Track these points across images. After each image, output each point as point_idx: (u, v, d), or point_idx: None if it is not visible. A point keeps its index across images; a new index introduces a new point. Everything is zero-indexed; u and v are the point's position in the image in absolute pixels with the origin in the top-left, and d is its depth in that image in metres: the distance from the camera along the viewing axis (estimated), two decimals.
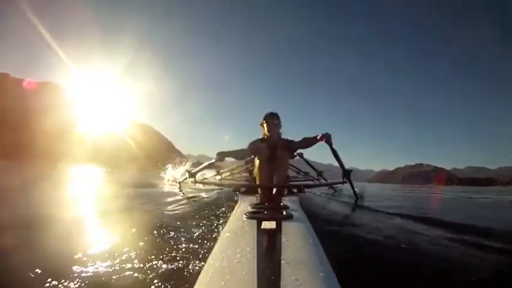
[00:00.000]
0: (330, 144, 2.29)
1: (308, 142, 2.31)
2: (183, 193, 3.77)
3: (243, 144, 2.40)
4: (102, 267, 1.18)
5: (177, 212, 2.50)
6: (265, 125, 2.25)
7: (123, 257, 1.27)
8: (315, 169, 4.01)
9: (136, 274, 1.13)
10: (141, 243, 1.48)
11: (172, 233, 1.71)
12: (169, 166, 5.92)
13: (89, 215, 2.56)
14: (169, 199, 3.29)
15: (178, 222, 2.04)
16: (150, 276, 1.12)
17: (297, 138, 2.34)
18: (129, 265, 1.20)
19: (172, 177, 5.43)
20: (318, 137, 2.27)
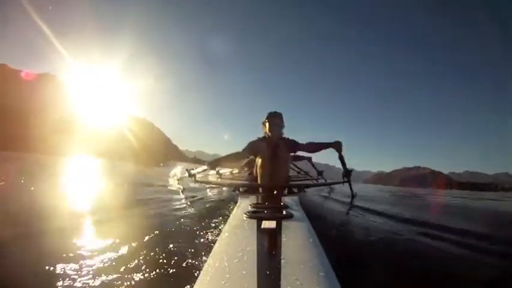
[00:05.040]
0: (340, 152, 2.23)
1: (315, 147, 2.25)
2: (183, 189, 3.72)
3: (243, 143, 2.33)
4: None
5: None
6: (267, 123, 2.20)
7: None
8: (315, 169, 4.02)
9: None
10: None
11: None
12: (177, 165, 5.77)
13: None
14: None
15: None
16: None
17: (300, 140, 2.26)
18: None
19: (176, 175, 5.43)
20: (328, 144, 2.21)
